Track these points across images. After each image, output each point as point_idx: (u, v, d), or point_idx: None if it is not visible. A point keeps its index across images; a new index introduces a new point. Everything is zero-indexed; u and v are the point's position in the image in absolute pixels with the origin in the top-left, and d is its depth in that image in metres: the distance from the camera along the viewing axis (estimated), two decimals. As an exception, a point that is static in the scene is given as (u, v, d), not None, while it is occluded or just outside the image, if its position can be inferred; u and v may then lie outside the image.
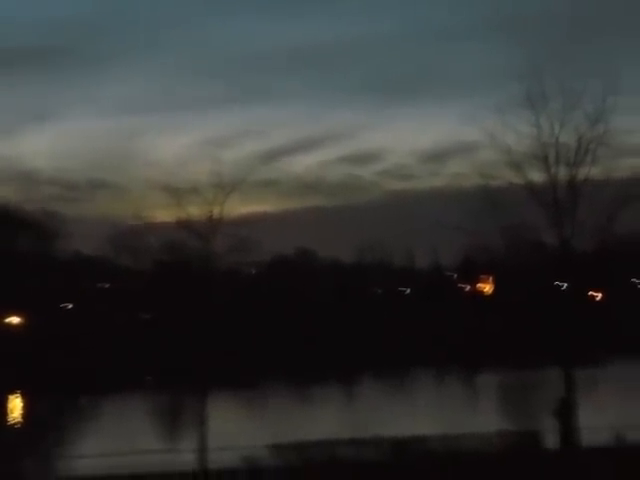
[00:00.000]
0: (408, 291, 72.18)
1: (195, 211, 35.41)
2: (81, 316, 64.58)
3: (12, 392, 52.01)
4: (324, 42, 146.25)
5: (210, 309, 35.06)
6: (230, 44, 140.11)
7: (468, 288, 73.92)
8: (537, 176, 32.94)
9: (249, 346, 57.23)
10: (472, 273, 69.66)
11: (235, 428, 39.18)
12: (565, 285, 33.71)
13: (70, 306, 69.81)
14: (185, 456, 32.39)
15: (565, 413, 29.02)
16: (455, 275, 73.94)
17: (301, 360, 58.62)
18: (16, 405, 49.90)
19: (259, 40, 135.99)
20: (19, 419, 47.75)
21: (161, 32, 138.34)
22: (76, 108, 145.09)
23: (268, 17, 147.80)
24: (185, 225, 35.13)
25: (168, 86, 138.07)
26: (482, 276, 68.08)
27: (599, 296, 74.80)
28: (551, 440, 30.49)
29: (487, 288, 72.96)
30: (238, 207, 41.75)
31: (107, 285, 73.80)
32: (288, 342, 58.62)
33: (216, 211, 34.91)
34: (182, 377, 36.31)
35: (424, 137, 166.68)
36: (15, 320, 63.11)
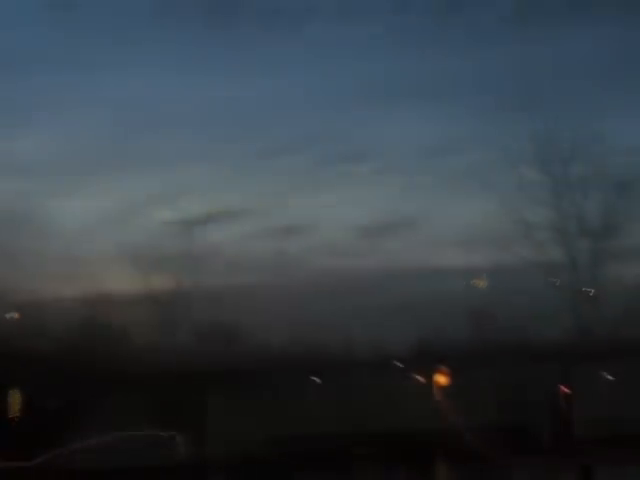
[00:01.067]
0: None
1: (106, 285, 34.67)
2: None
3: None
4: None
5: None
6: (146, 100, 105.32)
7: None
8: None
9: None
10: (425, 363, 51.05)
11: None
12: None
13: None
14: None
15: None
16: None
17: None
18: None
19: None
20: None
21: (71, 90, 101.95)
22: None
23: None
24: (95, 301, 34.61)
25: (74, 149, 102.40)
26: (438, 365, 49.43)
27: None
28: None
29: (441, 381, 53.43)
30: (156, 281, 40.10)
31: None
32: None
33: (137, 286, 34.59)
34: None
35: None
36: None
